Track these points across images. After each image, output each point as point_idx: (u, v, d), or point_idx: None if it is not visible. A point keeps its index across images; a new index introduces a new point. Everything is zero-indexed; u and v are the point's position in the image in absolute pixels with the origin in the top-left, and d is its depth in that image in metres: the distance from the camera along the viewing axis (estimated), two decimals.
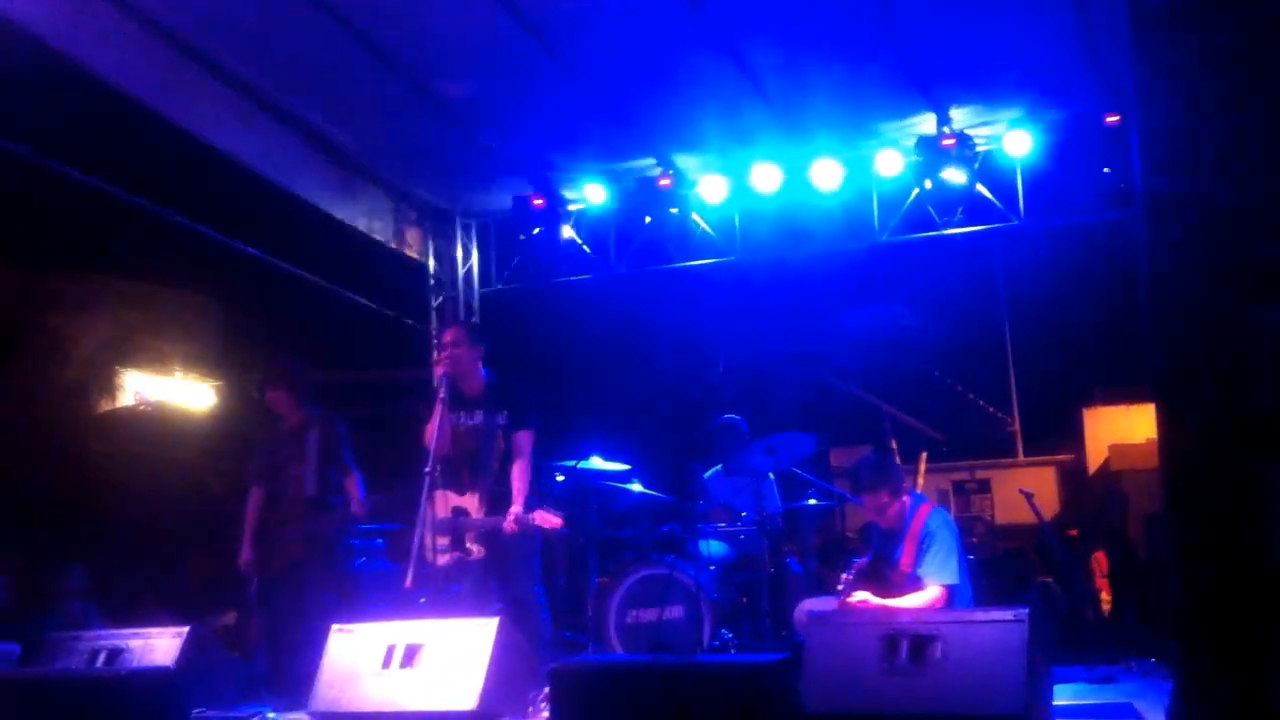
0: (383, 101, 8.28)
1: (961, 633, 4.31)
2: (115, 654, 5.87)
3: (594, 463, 7.40)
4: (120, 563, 10.74)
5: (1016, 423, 14.31)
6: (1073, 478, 13.14)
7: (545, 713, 5.23)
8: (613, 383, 12.22)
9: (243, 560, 6.84)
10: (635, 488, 7.64)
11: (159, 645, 5.84)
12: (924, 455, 8.56)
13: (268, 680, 6.73)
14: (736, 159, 9.04)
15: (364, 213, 9.55)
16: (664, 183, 9.09)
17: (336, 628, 5.52)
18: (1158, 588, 8.20)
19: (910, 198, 8.95)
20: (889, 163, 8.73)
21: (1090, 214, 8.70)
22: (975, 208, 8.92)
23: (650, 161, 9.17)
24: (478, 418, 6.29)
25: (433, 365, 6.77)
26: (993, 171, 8.77)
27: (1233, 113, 3.52)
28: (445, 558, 6.11)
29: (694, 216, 9.48)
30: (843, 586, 5.80)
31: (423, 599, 6.43)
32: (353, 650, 5.38)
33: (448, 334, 6.51)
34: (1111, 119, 8.11)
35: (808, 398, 12.77)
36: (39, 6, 6.62)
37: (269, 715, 6.01)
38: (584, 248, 9.84)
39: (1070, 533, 10.63)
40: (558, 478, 7.50)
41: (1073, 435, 13.64)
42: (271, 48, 7.59)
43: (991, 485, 12.55)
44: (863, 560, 5.96)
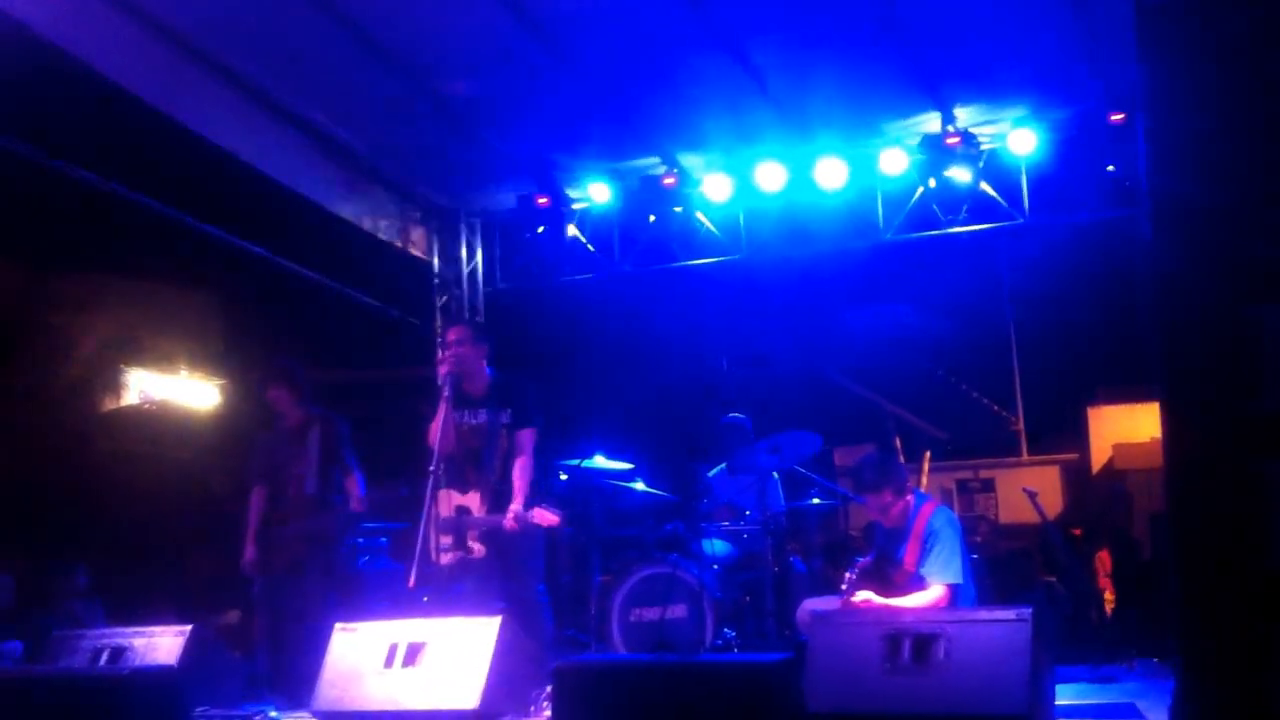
0: (386, 101, 8.28)
1: (965, 632, 4.31)
2: (118, 653, 5.89)
3: (597, 461, 7.41)
4: (123, 561, 10.74)
5: (1020, 422, 14.29)
6: (1077, 477, 13.13)
7: (547, 712, 5.23)
8: (616, 382, 12.19)
9: (245, 559, 6.86)
10: (639, 486, 7.65)
11: (162, 644, 5.86)
12: (928, 454, 8.58)
13: (270, 679, 6.72)
14: (741, 157, 9.01)
15: (368, 212, 9.53)
16: (668, 182, 9.07)
17: (339, 626, 5.53)
18: (1161, 587, 8.18)
19: (915, 196, 8.92)
20: (894, 161, 8.70)
21: (1095, 212, 8.67)
22: (980, 206, 8.90)
23: (654, 160, 9.15)
24: (481, 416, 6.31)
25: (437, 364, 6.80)
26: (997, 170, 8.75)
27: (1236, 110, 3.50)
28: (448, 557, 6.12)
29: (698, 215, 9.46)
30: (846, 586, 5.79)
31: (425, 598, 6.43)
32: (355, 649, 5.39)
33: (452, 333, 6.53)
34: (1116, 117, 8.09)
35: (812, 397, 12.74)
36: (41, 5, 6.61)
37: (271, 714, 6.01)
38: (588, 247, 9.81)
39: (1074, 532, 10.61)
40: (561, 476, 7.51)
41: (1077, 434, 13.62)
42: (274, 47, 7.59)
43: (995, 484, 12.55)
44: (866, 559, 5.94)
